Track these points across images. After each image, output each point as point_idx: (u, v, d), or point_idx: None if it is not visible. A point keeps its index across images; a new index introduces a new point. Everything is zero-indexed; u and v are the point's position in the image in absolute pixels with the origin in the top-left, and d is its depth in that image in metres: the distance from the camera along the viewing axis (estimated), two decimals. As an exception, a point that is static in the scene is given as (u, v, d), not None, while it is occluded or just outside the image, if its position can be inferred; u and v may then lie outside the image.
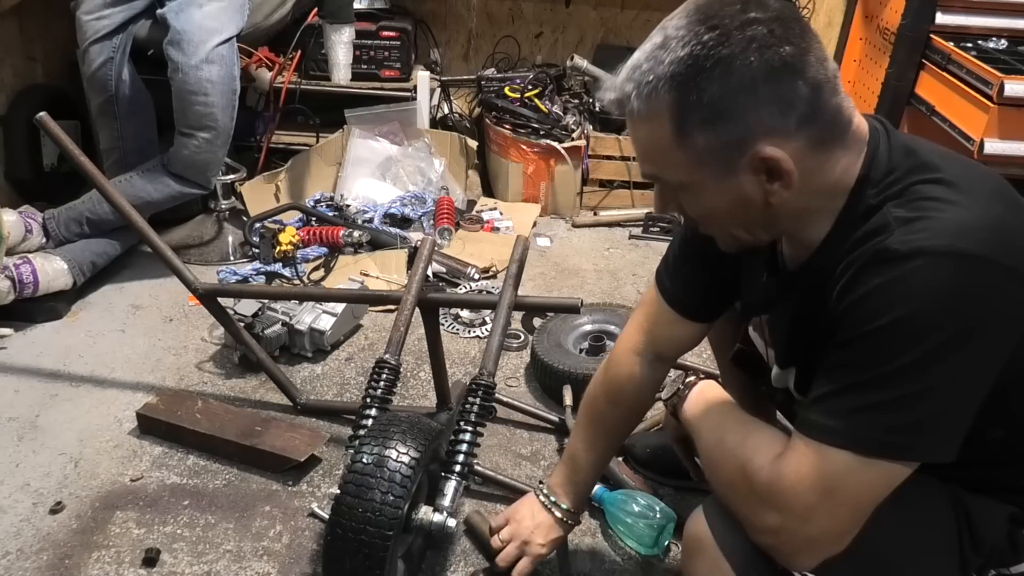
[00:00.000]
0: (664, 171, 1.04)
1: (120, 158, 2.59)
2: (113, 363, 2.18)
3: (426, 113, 3.16)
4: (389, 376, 1.59)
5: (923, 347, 0.90)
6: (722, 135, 0.96)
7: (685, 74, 0.95)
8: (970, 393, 0.95)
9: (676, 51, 0.96)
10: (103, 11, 2.45)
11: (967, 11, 2.61)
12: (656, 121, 0.99)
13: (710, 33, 0.95)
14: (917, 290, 0.91)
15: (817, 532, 0.97)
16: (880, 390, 0.92)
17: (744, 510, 1.04)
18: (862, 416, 0.93)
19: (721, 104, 0.95)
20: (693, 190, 1.04)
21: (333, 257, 2.66)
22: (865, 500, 0.96)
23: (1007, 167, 2.23)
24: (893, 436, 0.93)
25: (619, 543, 1.66)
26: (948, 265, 0.90)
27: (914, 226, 0.93)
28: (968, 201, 0.95)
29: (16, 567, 1.56)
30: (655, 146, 1.01)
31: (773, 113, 0.95)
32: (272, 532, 1.67)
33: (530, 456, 1.91)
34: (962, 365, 0.92)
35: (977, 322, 0.91)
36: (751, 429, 1.10)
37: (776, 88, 0.94)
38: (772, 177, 0.98)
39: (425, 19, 3.42)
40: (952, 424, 0.95)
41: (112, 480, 1.79)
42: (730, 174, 0.99)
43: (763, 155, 0.96)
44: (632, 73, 1.00)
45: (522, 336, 2.30)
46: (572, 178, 3.08)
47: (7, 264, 2.26)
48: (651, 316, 1.42)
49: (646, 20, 3.49)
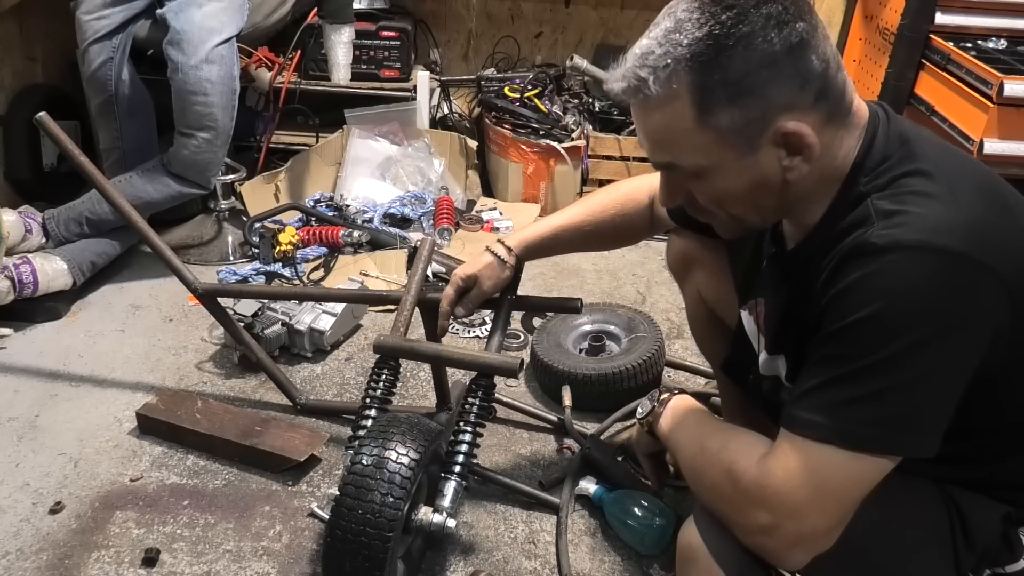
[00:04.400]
0: (681, 157, 1.04)
1: (120, 158, 2.59)
2: (113, 363, 2.18)
3: (426, 113, 3.16)
4: (389, 376, 1.59)
5: (901, 341, 0.92)
6: (746, 112, 0.97)
7: (706, 54, 0.96)
8: (948, 387, 0.96)
9: (693, 32, 0.97)
10: (103, 11, 2.45)
11: (967, 11, 2.61)
12: (675, 104, 0.99)
13: (727, 12, 0.96)
14: (894, 284, 0.92)
15: (808, 528, 0.97)
16: (860, 384, 0.94)
17: (732, 513, 1.04)
18: (845, 410, 0.94)
19: (744, 81, 0.96)
20: (711, 174, 1.04)
21: (333, 257, 2.66)
22: (852, 494, 0.97)
23: (1007, 167, 2.23)
24: (875, 429, 0.94)
25: (619, 543, 1.66)
26: (924, 260, 0.92)
27: (893, 219, 0.95)
28: (950, 196, 0.96)
29: (16, 567, 1.57)
30: (673, 131, 1.01)
31: (793, 88, 0.97)
32: (272, 532, 1.67)
33: (530, 456, 1.91)
34: (939, 359, 0.93)
35: (953, 317, 0.92)
36: (731, 434, 1.10)
37: (795, 63, 0.96)
38: (792, 151, 1.00)
39: (425, 19, 3.42)
40: (931, 418, 0.96)
41: (112, 480, 1.79)
42: (752, 151, 1.00)
43: (786, 129, 0.98)
44: (645, 59, 1.00)
45: (522, 336, 2.30)
46: (572, 178, 3.08)
47: (7, 264, 2.26)
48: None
49: (646, 20, 3.46)
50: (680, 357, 2.25)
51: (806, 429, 0.97)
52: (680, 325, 2.40)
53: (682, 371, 2.20)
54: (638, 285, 2.67)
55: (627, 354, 2.04)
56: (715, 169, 1.03)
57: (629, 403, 1.98)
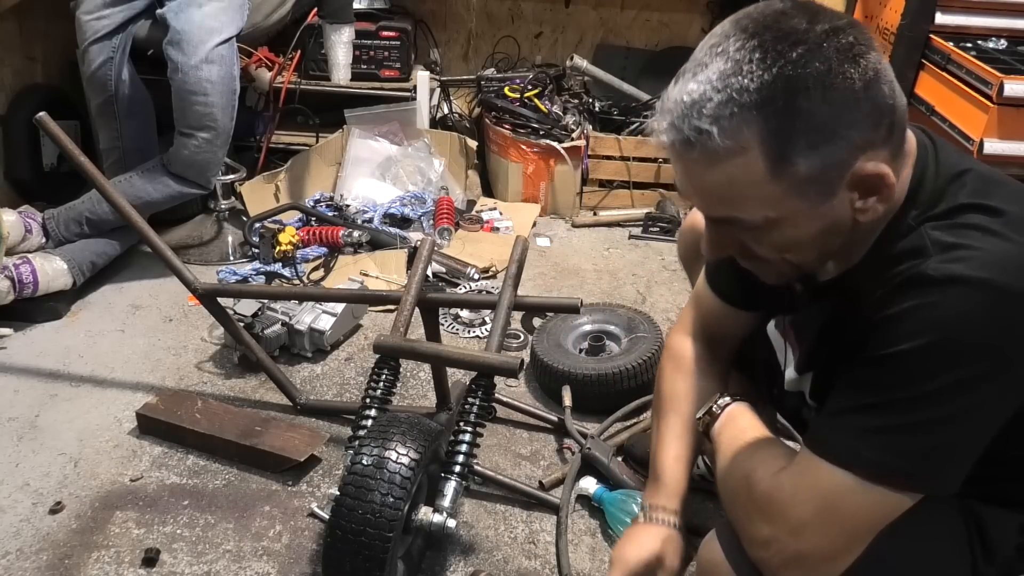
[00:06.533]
0: (747, 211, 0.94)
1: (120, 158, 2.59)
2: (113, 363, 2.18)
3: (426, 113, 3.16)
4: (389, 376, 1.59)
5: (947, 377, 0.88)
6: (826, 158, 0.89)
7: (779, 99, 0.86)
8: (985, 428, 0.93)
9: (759, 75, 0.86)
10: (103, 11, 2.45)
11: (967, 11, 2.61)
12: (744, 156, 0.89)
13: (796, 49, 0.87)
14: (949, 318, 0.88)
15: (807, 548, 0.95)
16: (896, 414, 0.91)
17: (741, 521, 1.03)
18: (873, 438, 0.91)
19: (828, 125, 0.87)
20: (779, 225, 0.95)
21: (333, 257, 2.66)
22: (861, 524, 0.94)
23: (1007, 167, 2.22)
24: (900, 461, 0.91)
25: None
26: (983, 297, 0.88)
27: (953, 253, 0.90)
28: (1013, 234, 0.92)
29: (16, 567, 1.56)
30: (739, 184, 0.91)
31: (869, 126, 0.90)
32: (272, 532, 1.67)
33: (530, 456, 1.91)
34: (982, 400, 0.90)
35: (1004, 359, 0.89)
36: (763, 444, 1.09)
37: (871, 98, 0.89)
38: (868, 192, 0.93)
39: (425, 19, 3.43)
40: (961, 458, 0.93)
41: (112, 480, 1.79)
42: (829, 197, 0.92)
43: (866, 172, 0.90)
44: (700, 108, 0.89)
45: (522, 336, 2.30)
46: (572, 178, 3.08)
47: (7, 264, 2.26)
48: (701, 302, 1.39)
49: (645, 20, 3.49)
50: (680, 357, 2.25)
51: (828, 449, 0.94)
52: (680, 325, 2.40)
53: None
54: (638, 285, 2.67)
55: (627, 354, 2.04)
56: (785, 220, 0.94)
57: (629, 403, 1.99)
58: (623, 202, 3.16)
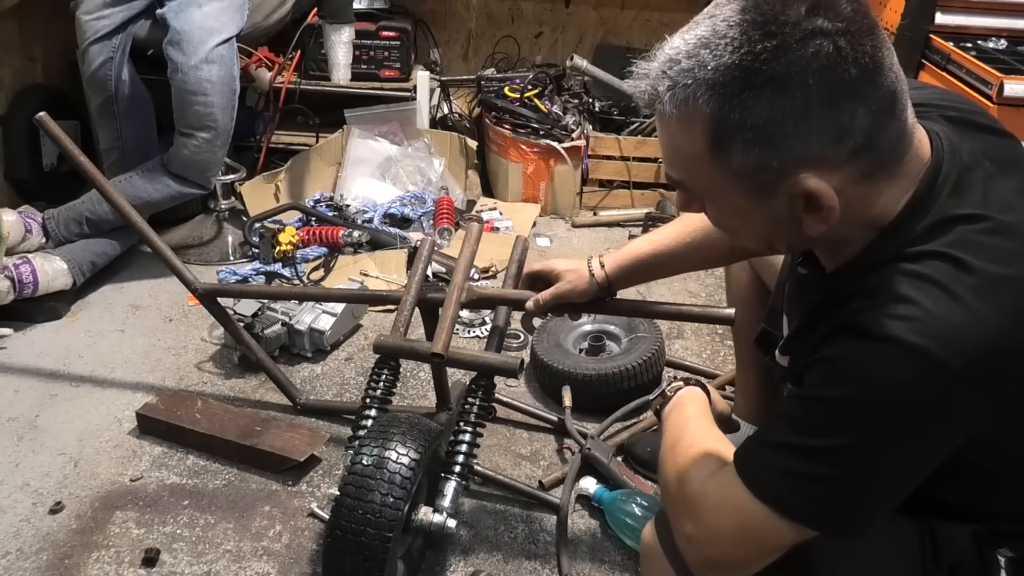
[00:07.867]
0: (690, 179, 0.95)
1: (120, 158, 2.59)
2: (113, 363, 2.18)
3: (426, 113, 3.16)
4: (389, 376, 1.59)
5: (863, 436, 0.87)
6: (762, 159, 0.86)
7: (730, 86, 0.83)
8: (900, 488, 0.92)
9: (722, 56, 0.84)
10: (103, 11, 2.45)
11: (967, 11, 2.61)
12: (689, 129, 0.88)
13: (766, 42, 0.82)
14: (878, 377, 0.86)
15: (720, 555, 0.97)
16: (811, 463, 0.90)
17: (671, 511, 1.05)
18: (794, 482, 0.91)
19: (766, 129, 0.84)
20: (720, 203, 0.95)
21: (333, 257, 2.66)
22: (773, 544, 0.95)
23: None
24: (812, 508, 0.91)
25: (619, 543, 1.66)
26: (918, 364, 0.84)
27: (901, 308, 0.86)
28: (974, 299, 0.85)
29: (16, 567, 1.57)
30: (684, 153, 0.91)
31: (824, 142, 0.85)
32: (272, 532, 1.67)
33: (530, 456, 1.91)
34: (903, 463, 0.89)
35: (923, 430, 0.87)
36: (703, 439, 1.09)
37: (833, 115, 0.83)
38: (808, 208, 0.88)
39: (425, 19, 3.42)
40: (871, 510, 0.93)
41: (112, 480, 1.79)
42: (764, 196, 0.89)
43: (804, 187, 0.86)
44: (669, 67, 0.87)
45: (522, 336, 2.30)
46: (572, 178, 3.08)
47: (7, 264, 2.26)
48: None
49: (645, 20, 3.49)
50: (680, 357, 2.25)
51: (751, 480, 0.94)
52: (680, 325, 2.40)
53: (682, 371, 2.20)
54: (638, 285, 2.67)
55: (627, 354, 2.04)
56: (724, 200, 0.94)
57: (629, 403, 1.99)
58: (623, 202, 3.16)
